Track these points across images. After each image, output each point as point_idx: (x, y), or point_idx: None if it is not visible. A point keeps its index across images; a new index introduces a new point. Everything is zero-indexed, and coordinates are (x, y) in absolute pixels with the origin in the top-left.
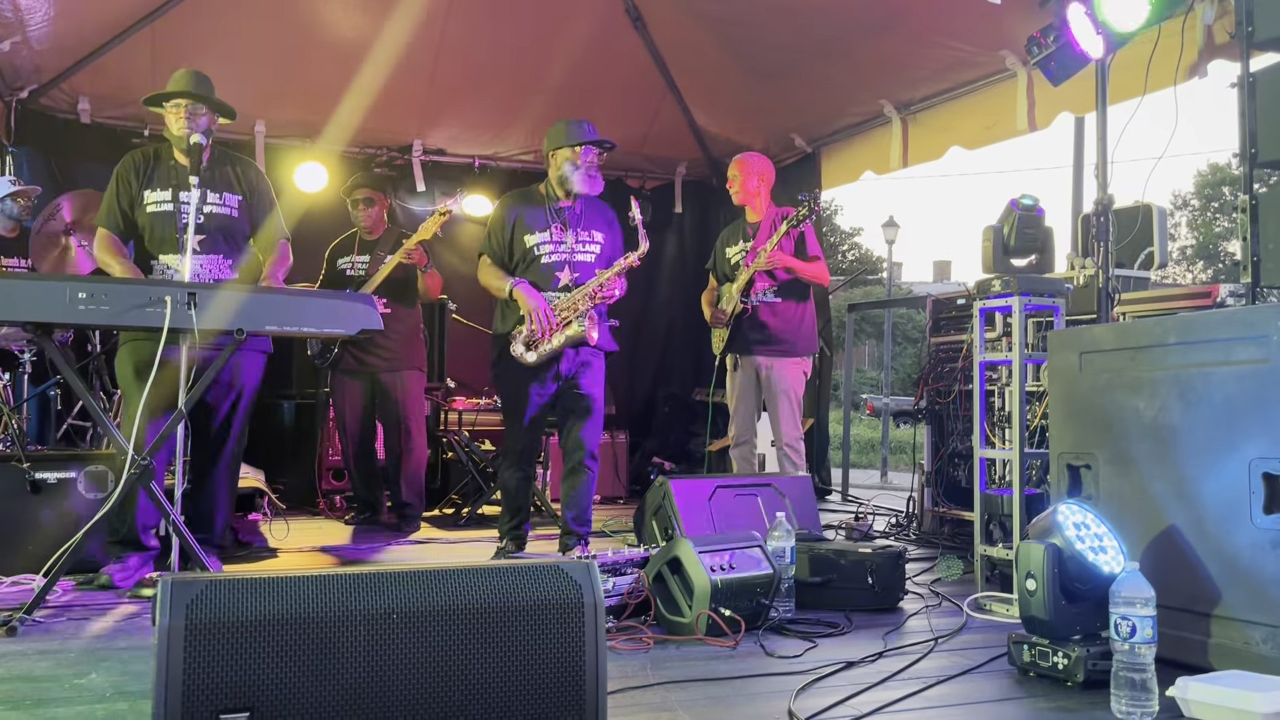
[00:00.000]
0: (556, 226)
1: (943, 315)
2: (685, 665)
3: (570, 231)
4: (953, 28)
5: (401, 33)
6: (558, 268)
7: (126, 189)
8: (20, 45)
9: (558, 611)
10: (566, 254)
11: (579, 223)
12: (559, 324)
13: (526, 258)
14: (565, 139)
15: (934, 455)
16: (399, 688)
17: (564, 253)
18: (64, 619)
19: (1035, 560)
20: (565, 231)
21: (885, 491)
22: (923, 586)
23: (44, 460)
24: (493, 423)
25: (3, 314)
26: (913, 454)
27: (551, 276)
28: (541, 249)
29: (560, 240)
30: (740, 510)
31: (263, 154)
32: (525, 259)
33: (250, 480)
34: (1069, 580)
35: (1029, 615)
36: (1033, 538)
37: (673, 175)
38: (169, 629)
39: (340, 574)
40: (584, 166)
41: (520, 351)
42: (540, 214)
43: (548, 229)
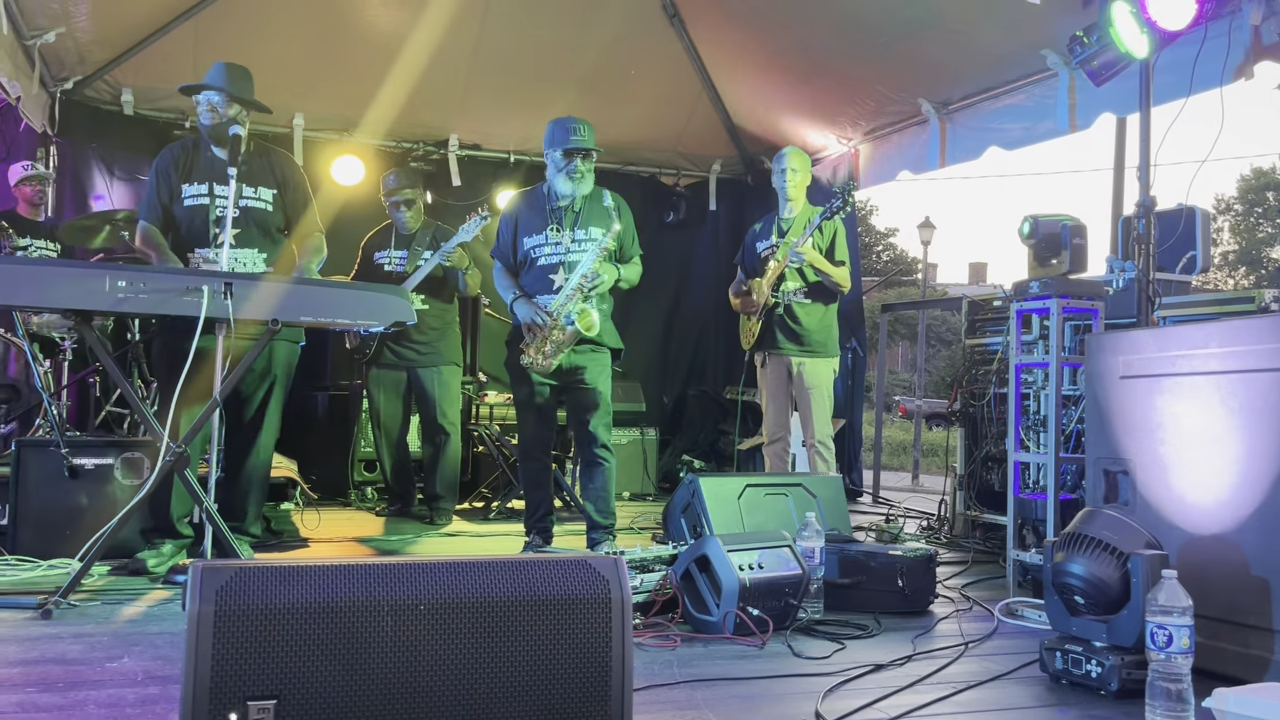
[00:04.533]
0: (553, 227)
1: (979, 317)
2: (712, 664)
3: (567, 231)
4: (993, 27)
5: (439, 27)
6: (552, 270)
7: (166, 182)
8: (65, 36)
9: (585, 606)
10: (562, 254)
11: (577, 221)
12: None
13: (526, 260)
14: (548, 142)
15: (967, 458)
16: (425, 678)
17: (560, 253)
18: (98, 603)
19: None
20: (562, 231)
21: (916, 494)
22: (953, 590)
23: (82, 446)
24: None
25: (43, 301)
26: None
27: (547, 279)
28: (538, 250)
29: (557, 241)
30: (770, 509)
31: (300, 147)
32: (526, 261)
33: (283, 470)
34: None
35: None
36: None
37: (707, 173)
38: (199, 615)
39: (368, 564)
40: (566, 169)
41: (527, 364)
42: (539, 215)
43: (544, 230)
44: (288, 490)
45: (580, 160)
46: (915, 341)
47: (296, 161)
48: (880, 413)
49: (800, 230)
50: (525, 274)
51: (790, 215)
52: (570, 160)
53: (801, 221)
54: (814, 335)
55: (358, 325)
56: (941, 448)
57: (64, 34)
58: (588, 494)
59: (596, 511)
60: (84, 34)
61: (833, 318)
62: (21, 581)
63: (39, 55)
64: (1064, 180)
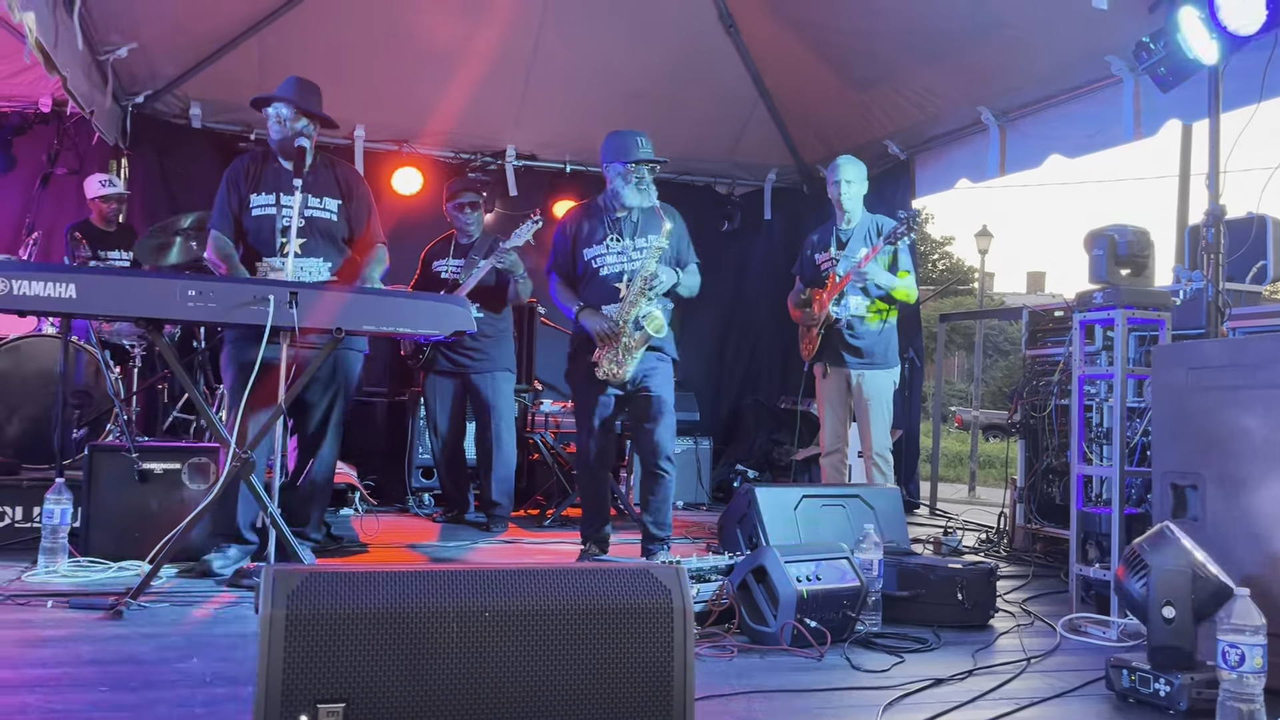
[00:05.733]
0: (614, 237)
1: (1039, 327)
2: (770, 675)
3: (627, 240)
4: (1055, 33)
5: (496, 40)
6: (615, 279)
7: (235, 192)
8: (137, 52)
9: (647, 616)
10: (625, 263)
11: (636, 231)
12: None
13: (587, 271)
14: (614, 154)
15: (1027, 470)
16: (489, 685)
17: (622, 263)
18: (167, 605)
19: (1179, 587)
20: (622, 240)
21: (973, 506)
22: (1014, 605)
23: (151, 451)
24: None
25: (118, 309)
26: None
27: (611, 288)
28: (599, 261)
29: (619, 251)
30: (827, 521)
31: (362, 158)
32: (587, 273)
33: (343, 476)
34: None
35: (1166, 645)
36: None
37: (762, 182)
38: (271, 619)
39: (435, 571)
40: (635, 181)
41: (603, 375)
42: (599, 226)
43: (605, 240)
44: (347, 496)
45: (648, 171)
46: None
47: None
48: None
49: (860, 242)
50: (586, 286)
51: (848, 226)
52: (640, 170)
53: (861, 232)
54: (874, 347)
55: (420, 334)
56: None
57: (135, 49)
58: (646, 505)
59: (654, 524)
60: (154, 49)
61: (893, 329)
62: (93, 583)
63: (111, 70)
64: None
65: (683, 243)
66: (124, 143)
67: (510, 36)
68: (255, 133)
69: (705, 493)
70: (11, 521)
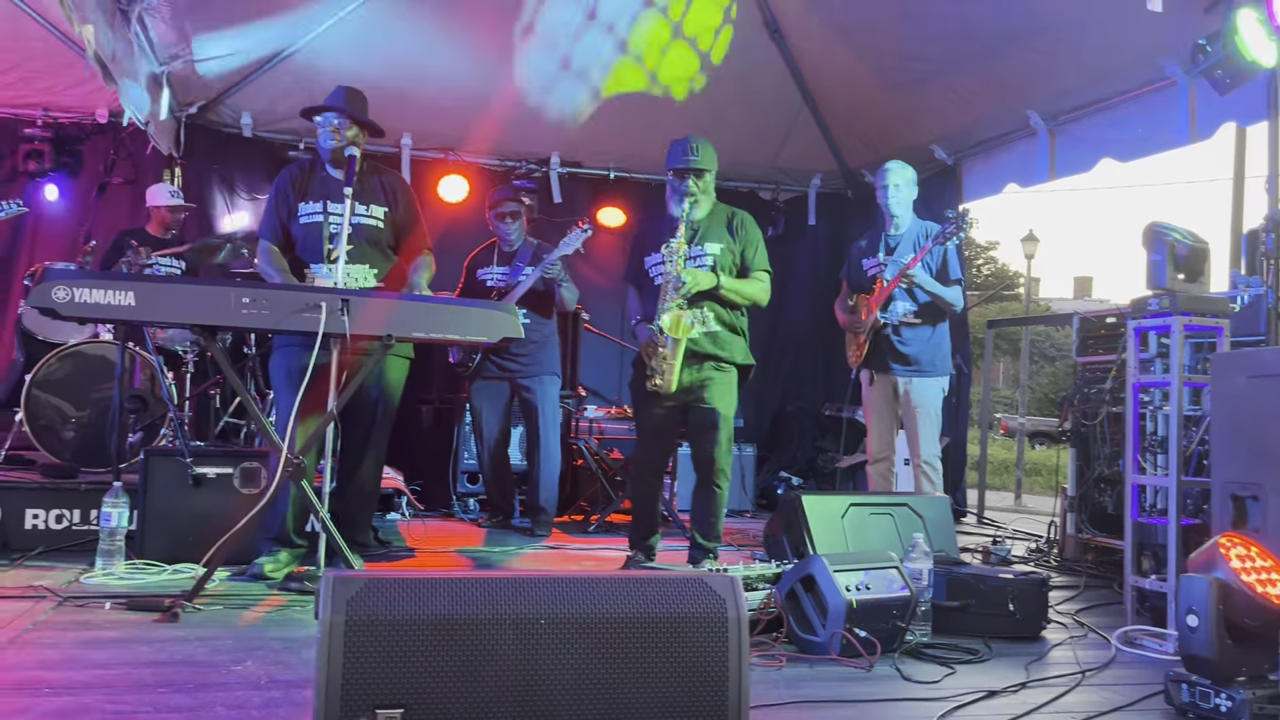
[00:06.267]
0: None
1: (1091, 334)
2: (820, 685)
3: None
4: (1106, 36)
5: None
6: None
7: (284, 201)
8: (192, 63)
9: (702, 625)
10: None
11: (696, 238)
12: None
13: (647, 281)
14: (666, 163)
15: (1078, 479)
16: (545, 692)
17: (675, 270)
18: (220, 607)
19: (1198, 594)
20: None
21: (1020, 514)
22: (1066, 616)
23: (205, 456)
24: (622, 431)
25: (174, 316)
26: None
27: (664, 296)
28: (655, 270)
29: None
30: (874, 529)
31: (408, 166)
32: (646, 282)
33: (390, 481)
34: (1236, 616)
35: (1190, 653)
36: (1193, 570)
37: (807, 187)
38: (330, 624)
39: (492, 578)
40: (678, 189)
41: (652, 388)
42: (661, 233)
43: (662, 249)
44: (394, 501)
45: (692, 180)
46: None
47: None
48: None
49: (909, 248)
50: (647, 295)
51: (897, 232)
52: (682, 180)
53: (909, 238)
54: (922, 354)
55: (468, 341)
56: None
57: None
58: (695, 516)
59: (702, 535)
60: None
61: (941, 336)
62: (149, 585)
63: (167, 82)
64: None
65: (749, 249)
66: (178, 152)
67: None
68: (304, 141)
69: (749, 500)
70: (70, 524)
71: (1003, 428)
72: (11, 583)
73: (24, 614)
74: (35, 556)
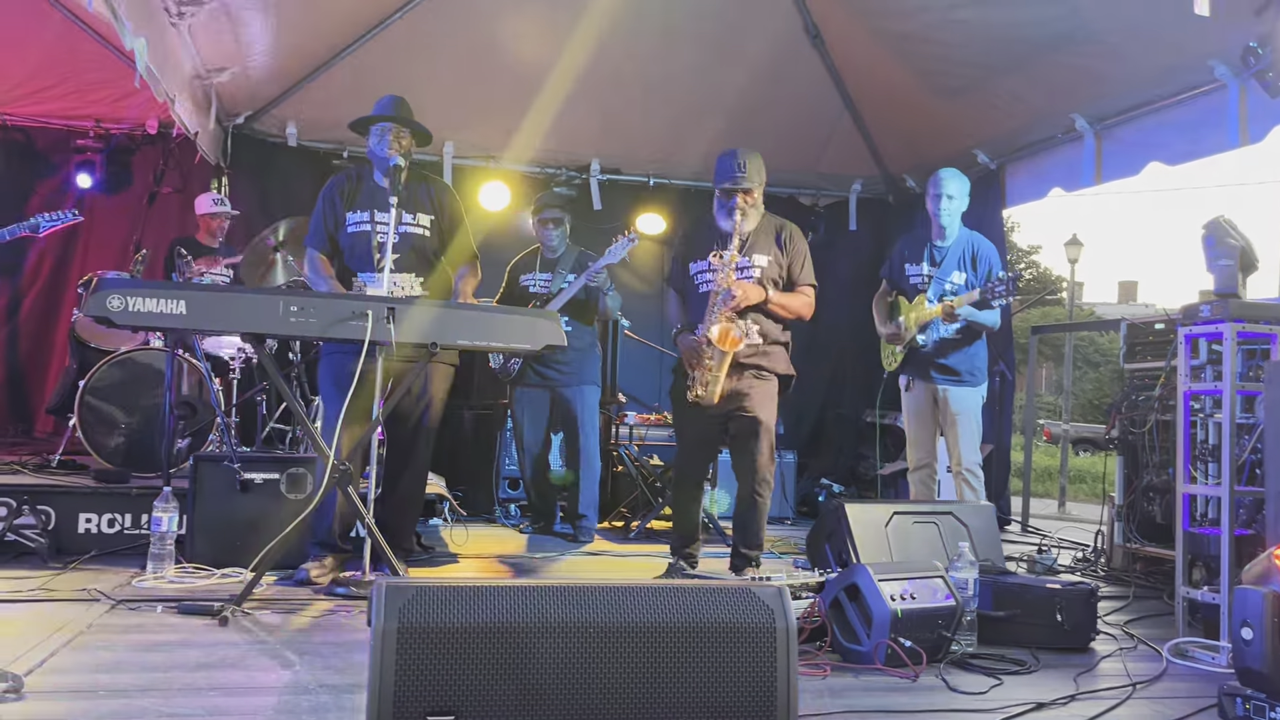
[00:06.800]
0: (716, 254)
1: (1139, 340)
2: (865, 695)
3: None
4: (1154, 38)
5: (583, 55)
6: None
7: (332, 210)
8: (239, 75)
9: (750, 635)
10: None
11: (742, 248)
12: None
13: (691, 289)
14: (715, 176)
15: (1126, 488)
16: (593, 701)
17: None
18: (268, 611)
19: (1253, 607)
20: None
21: (1064, 522)
22: (1115, 627)
23: (252, 462)
24: (661, 437)
25: (225, 325)
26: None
27: (712, 307)
28: (701, 278)
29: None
30: (919, 538)
31: (450, 174)
32: (691, 289)
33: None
34: None
35: (1244, 667)
36: (1247, 582)
37: (847, 192)
38: (383, 631)
39: (541, 586)
40: (726, 206)
41: (694, 399)
42: (705, 243)
43: (708, 257)
44: (436, 506)
45: (740, 197)
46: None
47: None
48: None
49: (954, 263)
50: (690, 301)
51: (943, 243)
52: (729, 198)
53: (956, 251)
54: (961, 365)
55: (512, 348)
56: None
57: (237, 73)
58: (737, 525)
59: (744, 544)
60: (255, 72)
61: (981, 346)
62: (198, 588)
63: (214, 93)
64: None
65: (796, 263)
66: (225, 161)
67: (596, 51)
68: (348, 150)
69: (790, 507)
70: (121, 528)
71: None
72: (66, 586)
73: (79, 617)
74: (88, 560)
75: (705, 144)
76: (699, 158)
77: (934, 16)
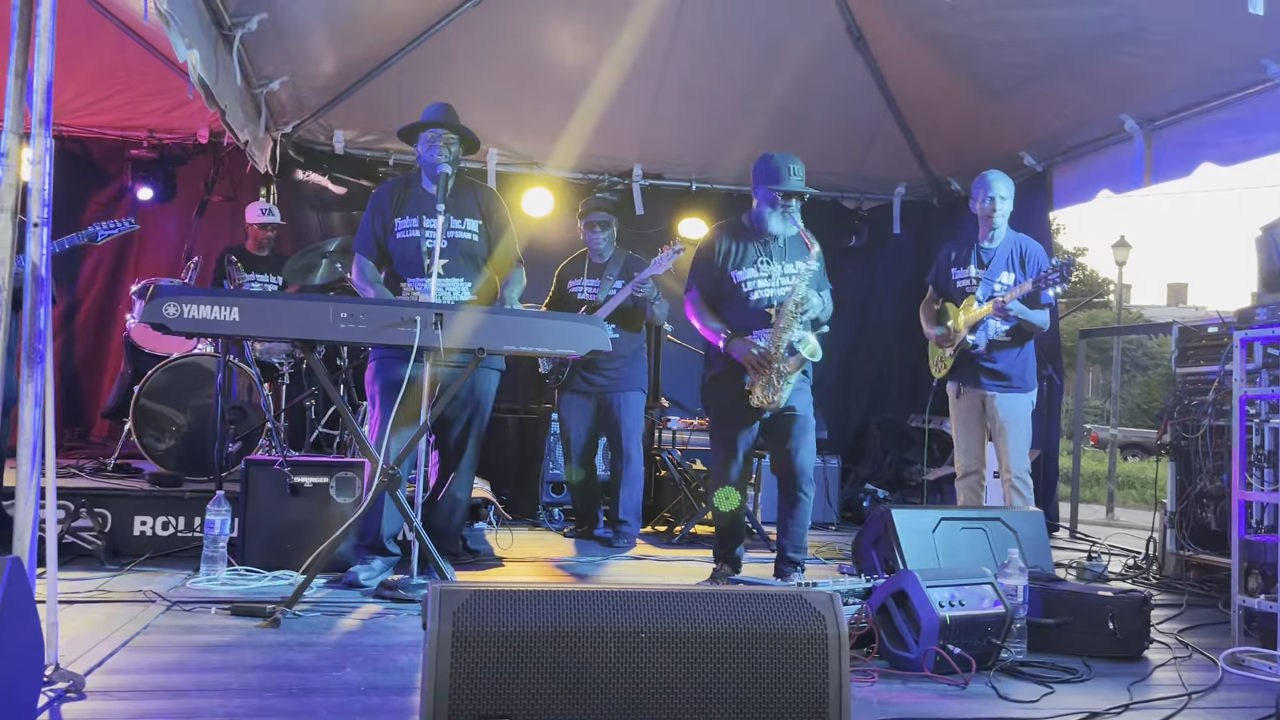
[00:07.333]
0: (764, 261)
1: (1191, 344)
2: (915, 703)
3: (775, 265)
4: (1204, 37)
5: (625, 60)
6: (766, 304)
7: (380, 216)
8: (288, 85)
9: (802, 641)
10: (774, 289)
11: (784, 255)
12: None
13: (736, 295)
14: (764, 179)
15: (1178, 494)
16: (646, 705)
17: (772, 288)
18: (318, 614)
19: None
20: (772, 265)
21: (1113, 529)
22: (1168, 635)
23: (302, 466)
24: (704, 442)
25: (276, 331)
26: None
27: (763, 314)
28: (750, 285)
29: (768, 275)
30: (966, 544)
31: (494, 180)
32: (735, 296)
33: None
34: None
35: None
36: None
37: (891, 195)
38: (438, 634)
39: (593, 591)
40: (780, 210)
41: (757, 403)
42: (749, 249)
43: (755, 264)
44: (481, 510)
45: (795, 200)
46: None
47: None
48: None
49: (1002, 264)
50: (731, 307)
51: (991, 245)
52: (789, 201)
53: (1004, 253)
54: (1011, 370)
55: (557, 354)
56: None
57: (286, 82)
58: (784, 528)
59: (791, 547)
60: (303, 82)
61: (1029, 353)
62: (250, 591)
63: (264, 102)
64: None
65: (820, 267)
66: (274, 170)
67: (638, 58)
68: (394, 157)
69: (834, 512)
70: (175, 531)
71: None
72: (123, 587)
73: (135, 618)
74: (143, 562)
75: (747, 148)
76: (741, 162)
77: (979, 17)
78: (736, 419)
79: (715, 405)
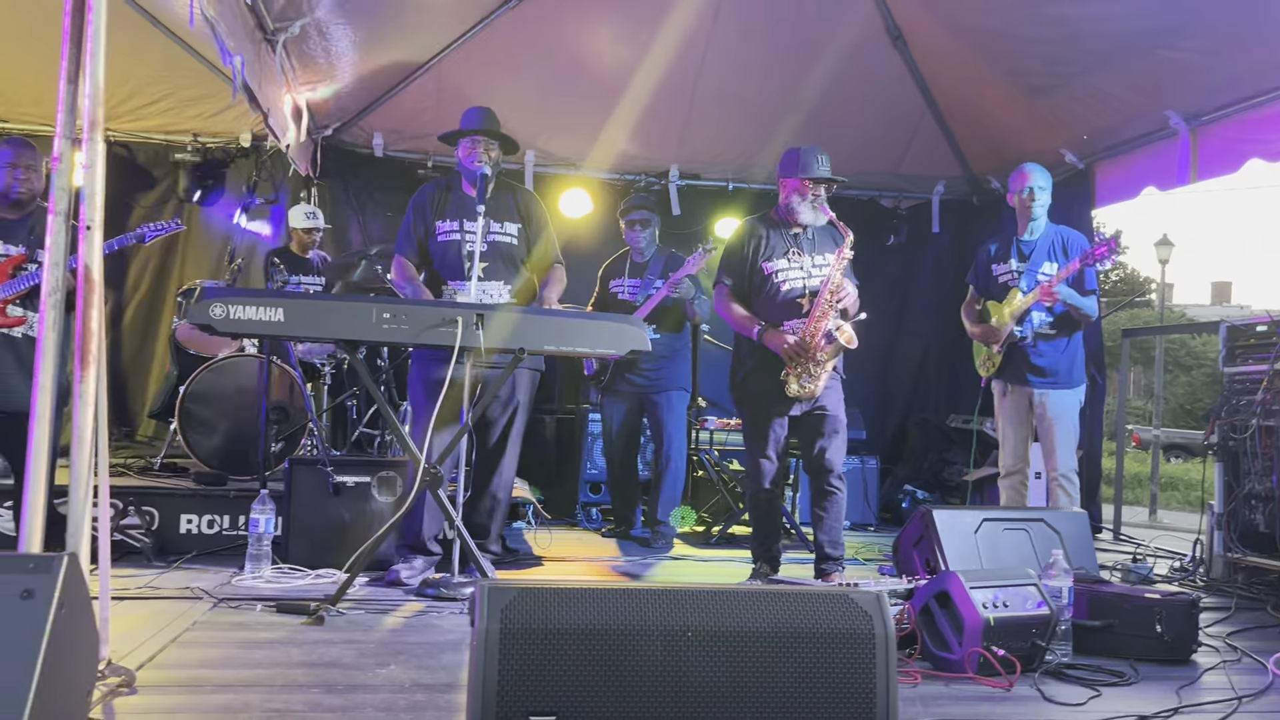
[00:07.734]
0: (794, 252)
1: (1239, 343)
2: (958, 705)
3: (806, 257)
4: (1252, 31)
5: (662, 61)
6: (799, 295)
7: (421, 219)
8: (328, 88)
9: (849, 641)
10: (805, 280)
11: (814, 247)
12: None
13: (766, 287)
14: (796, 169)
15: (1226, 495)
16: (692, 704)
17: (803, 279)
18: (362, 611)
19: None
20: (802, 256)
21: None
22: (1217, 639)
23: (344, 465)
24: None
25: (320, 332)
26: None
27: (794, 305)
28: (782, 277)
29: (799, 265)
30: (1009, 545)
31: (531, 181)
32: (765, 288)
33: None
34: None
35: None
36: None
37: (930, 194)
38: (486, 631)
39: (639, 589)
40: (810, 199)
41: (794, 393)
42: (778, 241)
43: (786, 256)
44: (520, 510)
45: (825, 189)
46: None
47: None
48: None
49: (1043, 255)
50: (764, 301)
51: (1031, 237)
52: (818, 189)
53: (1044, 245)
54: (1058, 365)
55: (597, 354)
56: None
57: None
58: (820, 524)
59: (829, 544)
60: (344, 85)
61: (1076, 346)
62: (294, 588)
63: (305, 106)
64: None
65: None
66: (315, 173)
67: (675, 59)
68: (433, 160)
69: (872, 513)
70: (220, 529)
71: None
72: (170, 584)
73: (183, 614)
74: (189, 560)
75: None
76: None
77: (1019, 13)
78: (771, 412)
79: (749, 399)
